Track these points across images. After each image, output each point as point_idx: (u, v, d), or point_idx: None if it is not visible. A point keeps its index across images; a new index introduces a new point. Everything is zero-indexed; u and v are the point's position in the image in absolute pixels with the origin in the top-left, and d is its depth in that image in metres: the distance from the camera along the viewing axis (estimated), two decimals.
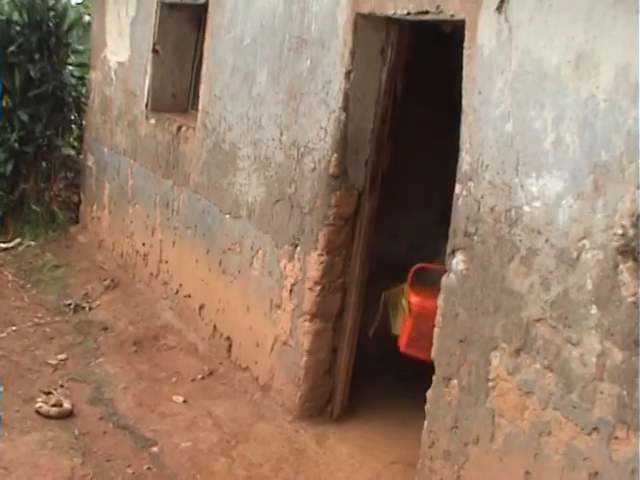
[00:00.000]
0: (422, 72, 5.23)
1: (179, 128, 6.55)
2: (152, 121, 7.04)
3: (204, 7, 6.27)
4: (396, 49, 4.55)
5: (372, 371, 5.22)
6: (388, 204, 5.17)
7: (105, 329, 6.26)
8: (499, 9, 3.44)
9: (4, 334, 6.04)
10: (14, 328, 6.17)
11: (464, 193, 3.63)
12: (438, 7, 3.80)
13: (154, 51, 7.04)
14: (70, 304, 6.73)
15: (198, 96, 6.34)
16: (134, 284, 7.14)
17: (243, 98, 5.55)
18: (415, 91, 5.15)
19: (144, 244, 7.10)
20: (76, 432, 4.71)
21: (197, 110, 6.31)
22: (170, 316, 6.40)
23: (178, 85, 7.18)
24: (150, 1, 7.13)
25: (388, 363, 5.30)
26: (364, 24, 4.44)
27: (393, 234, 5.84)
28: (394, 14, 4.14)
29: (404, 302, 4.72)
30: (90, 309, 6.68)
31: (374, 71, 4.54)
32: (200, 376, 5.51)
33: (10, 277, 7.36)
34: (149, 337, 6.08)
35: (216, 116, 5.90)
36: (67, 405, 4.95)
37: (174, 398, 5.20)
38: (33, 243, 8.20)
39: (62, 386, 5.28)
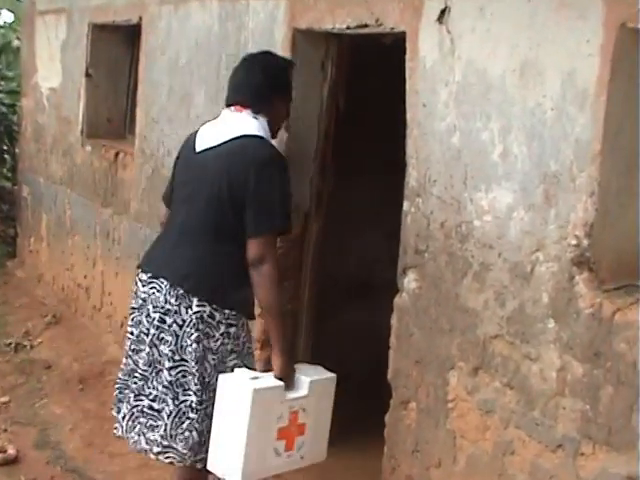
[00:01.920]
0: (366, 86, 5.24)
1: (116, 154, 6.48)
2: (88, 148, 6.96)
3: (137, 28, 6.22)
4: (336, 64, 4.53)
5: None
6: (335, 222, 5.14)
7: (48, 368, 6.14)
8: (440, 20, 3.44)
9: None
10: None
11: (412, 210, 3.62)
12: (377, 20, 3.80)
13: (87, 75, 6.97)
14: (10, 343, 6.60)
15: (135, 120, 6.28)
16: (77, 319, 7.04)
17: (181, 121, 5.51)
18: (360, 106, 5.16)
19: (85, 277, 7.00)
20: (22, 479, 4.60)
21: (134, 135, 6.24)
22: (116, 350, 6.24)
23: (114, 109, 7.12)
24: (81, 23, 7.07)
25: (345, 387, 5.26)
26: (302, 40, 4.42)
27: (342, 252, 5.81)
28: (333, 29, 4.13)
29: None
30: (32, 347, 6.56)
31: (315, 88, 4.52)
32: None
33: None
34: (95, 374, 5.97)
35: (154, 140, 5.85)
36: (11, 451, 4.84)
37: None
38: None
39: (5, 430, 5.16)
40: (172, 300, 3.45)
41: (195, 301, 3.43)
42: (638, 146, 2.90)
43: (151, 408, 3.53)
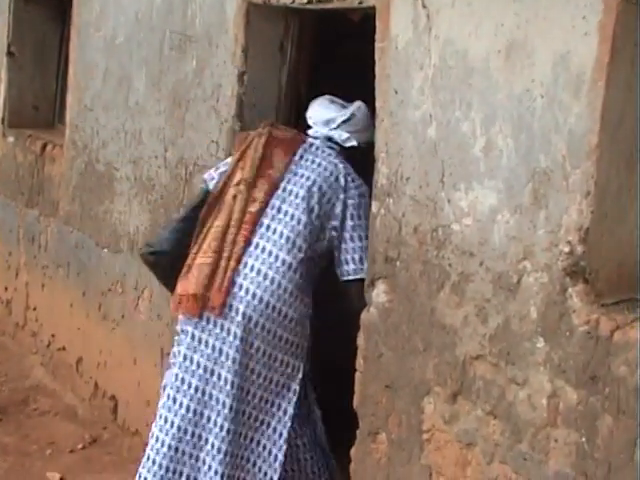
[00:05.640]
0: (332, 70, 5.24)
1: (44, 147, 6.45)
2: (10, 139, 6.92)
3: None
4: (297, 44, 4.53)
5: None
6: None
7: None
8: None
9: None
10: None
11: (382, 212, 3.59)
12: None
13: (9, 54, 6.92)
14: None
15: (65, 107, 6.25)
16: None
17: (118, 108, 5.48)
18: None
19: (6, 288, 6.95)
20: None
21: (65, 124, 6.21)
22: (41, 374, 6.27)
23: (41, 95, 7.07)
24: None
25: None
26: (258, 16, 4.41)
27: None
28: (293, 3, 4.12)
29: None
30: None
31: (272, 71, 4.51)
32: (80, 445, 5.39)
33: None
34: (16, 401, 5.92)
35: (87, 131, 5.81)
36: None
37: (48, 475, 5.04)
38: None
39: None
40: None
41: None
42: None
43: None
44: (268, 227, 3.86)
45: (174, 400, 3.87)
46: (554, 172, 2.93)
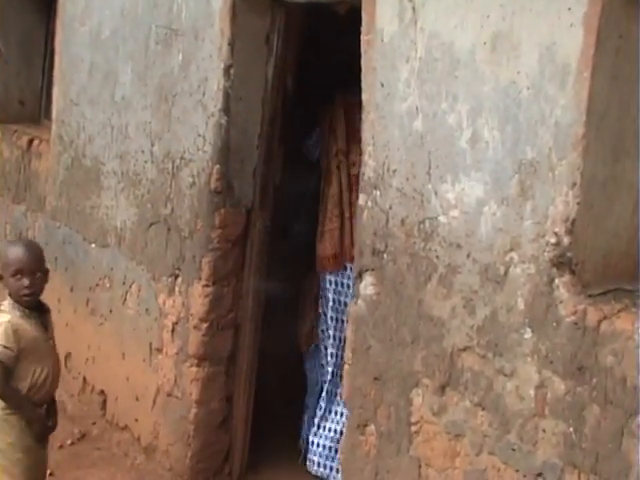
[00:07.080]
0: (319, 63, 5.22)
1: (30, 142, 6.43)
2: None
3: None
4: (284, 37, 4.52)
5: (276, 419, 5.16)
6: (284, 219, 5.12)
7: None
8: None
9: None
10: None
11: (369, 204, 3.60)
12: None
13: None
14: None
15: (51, 102, 6.22)
16: None
17: (105, 103, 5.45)
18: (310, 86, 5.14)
19: None
20: None
21: (51, 119, 6.18)
22: None
23: (27, 90, 7.06)
24: None
25: (294, 408, 5.25)
26: (244, 9, 4.40)
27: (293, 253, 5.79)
28: None
29: None
30: None
31: (259, 65, 4.50)
32: (69, 441, 5.34)
33: None
34: None
35: (73, 126, 5.78)
36: None
37: None
38: None
39: None
40: None
41: None
42: (636, 130, 2.91)
43: None
44: None
45: (334, 337, 4.85)
46: (540, 163, 2.94)
